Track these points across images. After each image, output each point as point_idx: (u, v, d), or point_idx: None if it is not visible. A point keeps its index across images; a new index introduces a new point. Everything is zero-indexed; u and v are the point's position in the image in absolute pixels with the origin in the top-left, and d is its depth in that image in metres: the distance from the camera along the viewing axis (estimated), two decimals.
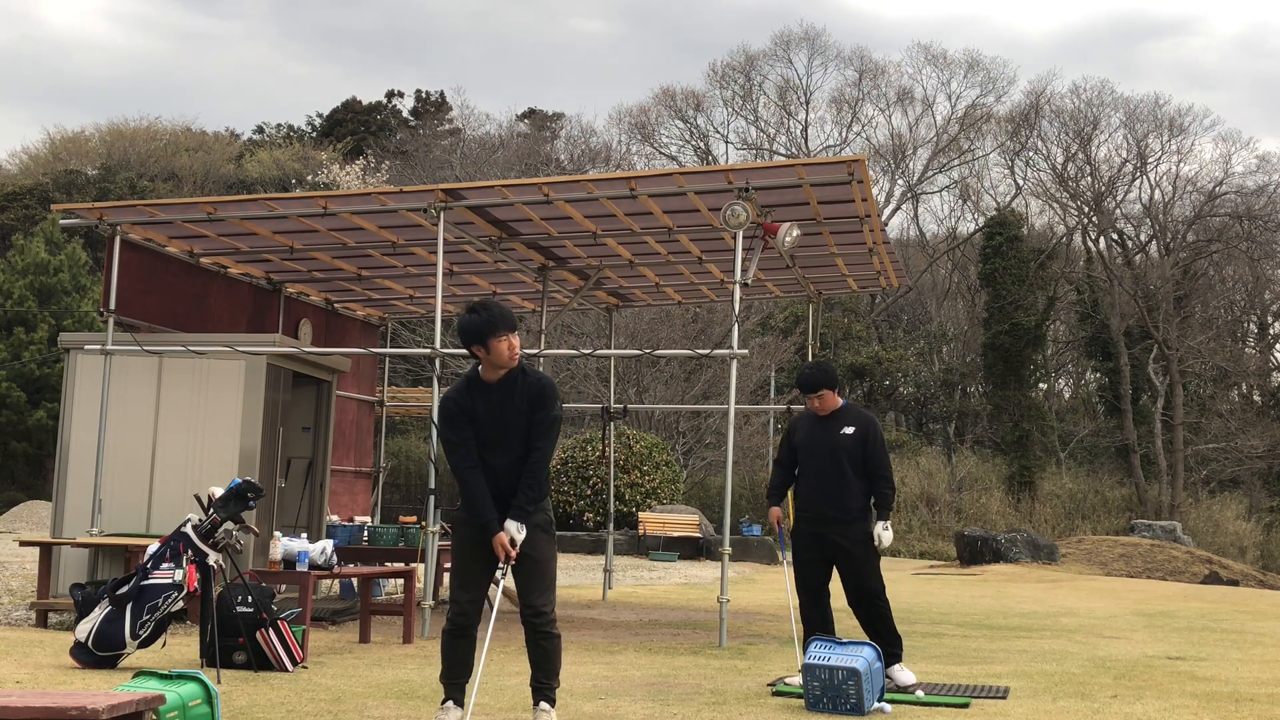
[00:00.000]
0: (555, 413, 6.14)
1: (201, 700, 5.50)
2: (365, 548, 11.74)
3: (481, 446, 6.09)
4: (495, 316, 6.00)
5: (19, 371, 32.96)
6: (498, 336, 5.99)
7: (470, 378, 6.17)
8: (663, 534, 25.89)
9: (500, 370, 6.10)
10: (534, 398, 6.13)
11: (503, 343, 6.00)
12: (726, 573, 10.48)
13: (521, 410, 6.10)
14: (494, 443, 6.08)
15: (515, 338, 6.06)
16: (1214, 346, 43.11)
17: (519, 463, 6.08)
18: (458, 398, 6.13)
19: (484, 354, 6.04)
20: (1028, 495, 36.74)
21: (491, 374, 6.12)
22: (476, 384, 6.14)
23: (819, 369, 8.23)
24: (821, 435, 8.13)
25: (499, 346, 5.99)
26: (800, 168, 11.05)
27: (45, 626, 10.52)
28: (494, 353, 6.00)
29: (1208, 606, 16.47)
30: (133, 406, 11.54)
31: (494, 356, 6.02)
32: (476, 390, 6.13)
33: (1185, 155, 50.24)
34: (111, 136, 53.71)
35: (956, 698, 7.52)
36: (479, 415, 6.07)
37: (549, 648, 6.18)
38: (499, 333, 5.99)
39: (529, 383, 6.16)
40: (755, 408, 31.91)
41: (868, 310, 44.83)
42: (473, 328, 6.00)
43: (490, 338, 5.98)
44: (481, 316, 6.01)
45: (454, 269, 14.22)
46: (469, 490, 6.04)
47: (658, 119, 50.82)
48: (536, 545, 6.10)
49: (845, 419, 8.14)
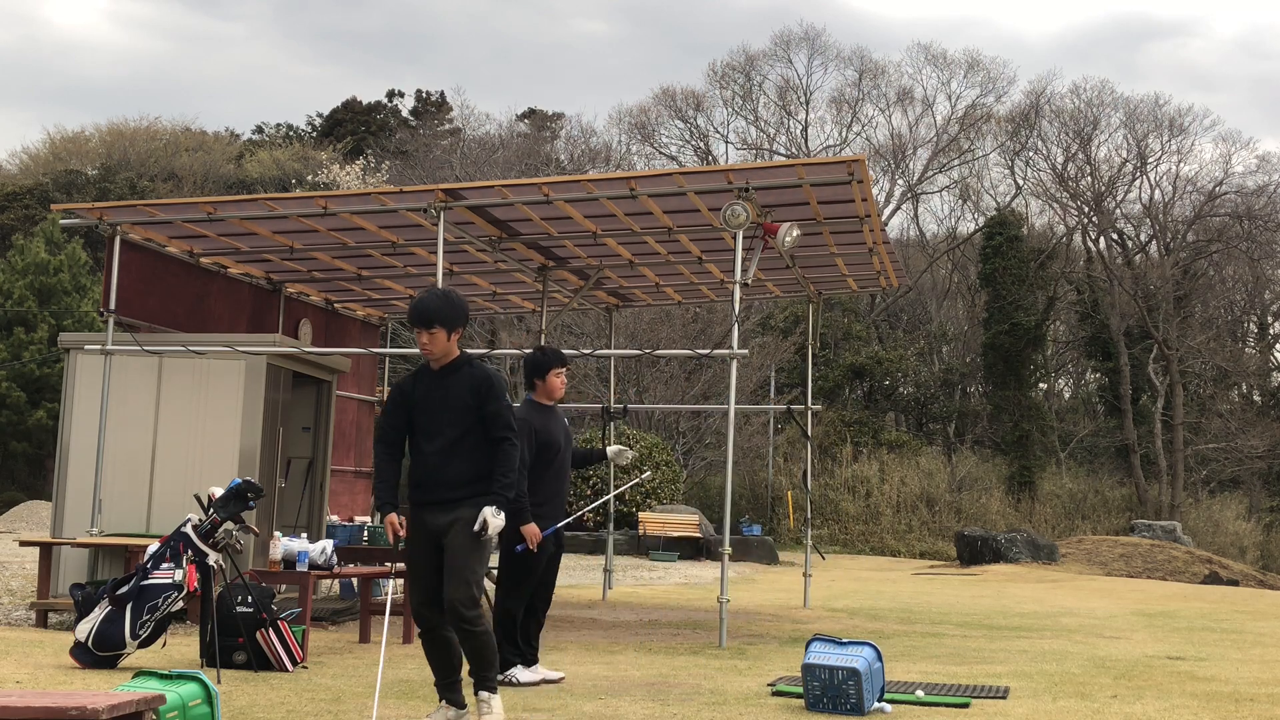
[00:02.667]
0: (506, 401, 6.30)
1: (201, 700, 5.50)
2: (365, 548, 11.74)
3: (417, 432, 6.27)
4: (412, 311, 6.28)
5: (19, 371, 32.96)
6: (415, 330, 6.25)
7: (422, 365, 6.39)
8: (663, 534, 25.89)
9: (430, 359, 6.30)
10: (482, 391, 6.25)
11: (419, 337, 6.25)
12: (726, 573, 10.48)
13: (464, 402, 6.22)
14: (428, 427, 6.23)
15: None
16: (1214, 346, 43.09)
17: (448, 452, 6.17)
18: (404, 385, 6.35)
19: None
20: (1028, 495, 36.73)
21: (431, 362, 6.33)
22: (424, 371, 6.35)
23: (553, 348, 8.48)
24: (560, 426, 8.30)
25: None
26: (800, 168, 11.05)
27: (45, 626, 10.52)
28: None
29: (1208, 606, 16.47)
30: (133, 406, 11.54)
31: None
32: (423, 377, 6.33)
33: (1185, 155, 50.26)
34: (111, 136, 53.70)
35: (956, 698, 7.52)
36: (417, 400, 6.25)
37: (474, 643, 6.14)
38: (415, 327, 6.26)
39: (475, 375, 6.30)
40: (755, 408, 31.92)
41: (868, 310, 44.82)
42: (409, 316, 6.32)
43: (415, 329, 6.25)
44: (410, 310, 6.32)
45: (454, 269, 14.22)
46: (380, 473, 6.28)
47: (658, 119, 50.84)
48: (458, 537, 6.14)
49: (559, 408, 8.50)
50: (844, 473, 35.98)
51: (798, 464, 32.85)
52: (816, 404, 16.17)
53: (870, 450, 37.30)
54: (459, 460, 6.20)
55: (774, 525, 33.40)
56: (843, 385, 41.46)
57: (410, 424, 6.30)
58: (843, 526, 34.33)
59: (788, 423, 34.89)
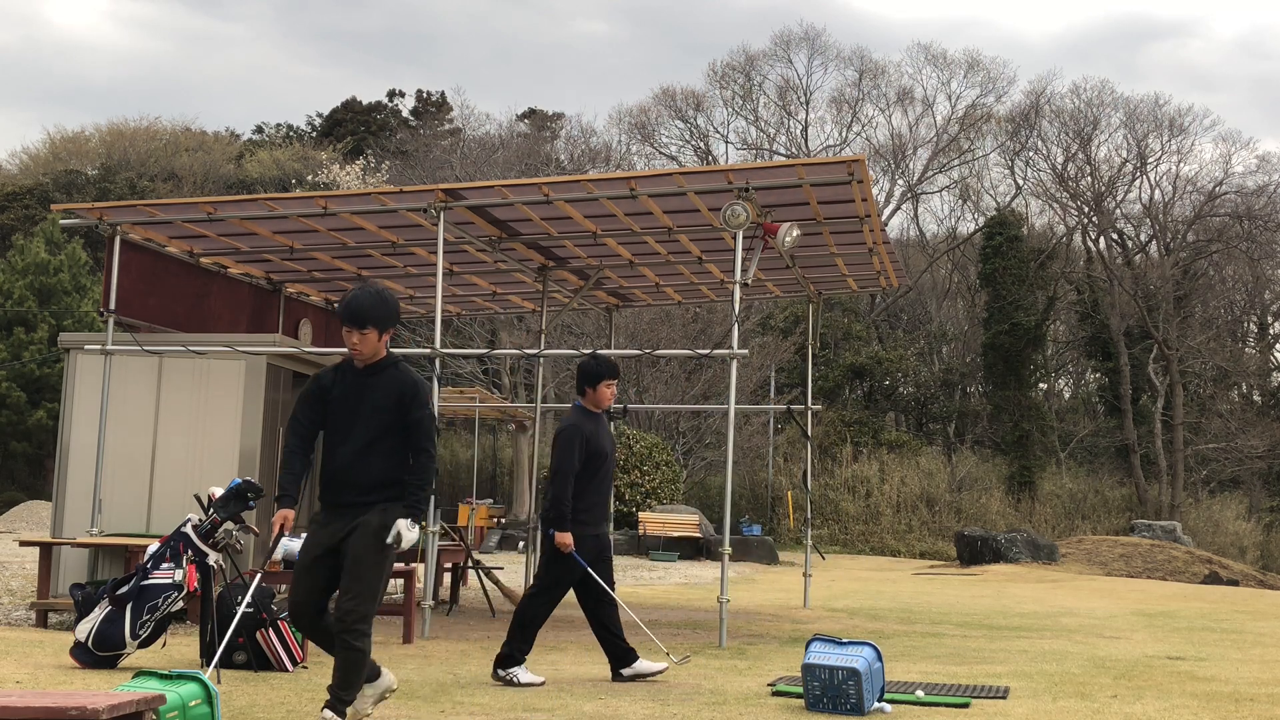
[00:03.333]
0: (430, 410, 6.13)
1: (201, 700, 5.50)
2: None
3: (330, 430, 6.06)
4: (343, 308, 6.10)
5: (19, 371, 32.95)
6: (346, 327, 6.08)
7: (344, 361, 6.20)
8: (663, 534, 25.88)
9: (357, 358, 6.10)
10: (408, 397, 6.07)
11: (349, 336, 6.07)
12: (726, 573, 10.48)
13: (388, 405, 6.04)
14: (344, 427, 6.02)
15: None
16: (1214, 346, 43.10)
17: (362, 455, 5.98)
18: (324, 379, 6.14)
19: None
20: (1028, 495, 36.74)
21: (356, 360, 6.13)
22: (347, 368, 6.15)
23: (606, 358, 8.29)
24: (608, 435, 8.20)
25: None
26: (800, 168, 11.05)
27: (45, 626, 10.52)
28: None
29: (1208, 606, 16.47)
30: (133, 406, 11.54)
31: (347, 344, 6.08)
32: (344, 374, 6.13)
33: (1185, 155, 50.24)
34: (111, 136, 53.69)
35: (956, 698, 7.52)
36: (336, 396, 6.06)
37: (348, 657, 5.90)
38: (345, 324, 6.08)
39: (403, 380, 6.11)
40: (755, 408, 31.93)
41: (868, 310, 44.82)
42: (340, 312, 6.17)
43: (343, 326, 6.10)
44: (341, 306, 6.14)
45: (454, 269, 14.22)
46: (288, 465, 6.07)
47: (658, 119, 50.85)
48: (362, 545, 5.96)
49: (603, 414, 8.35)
50: (844, 473, 35.99)
51: (798, 464, 32.85)
52: (816, 404, 16.17)
53: (870, 450, 37.31)
54: (372, 464, 6.00)
55: (774, 525, 33.40)
56: (843, 385, 41.47)
57: (324, 420, 6.08)
58: (843, 526, 34.34)
59: (788, 423, 34.89)
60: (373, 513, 5.97)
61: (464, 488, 33.36)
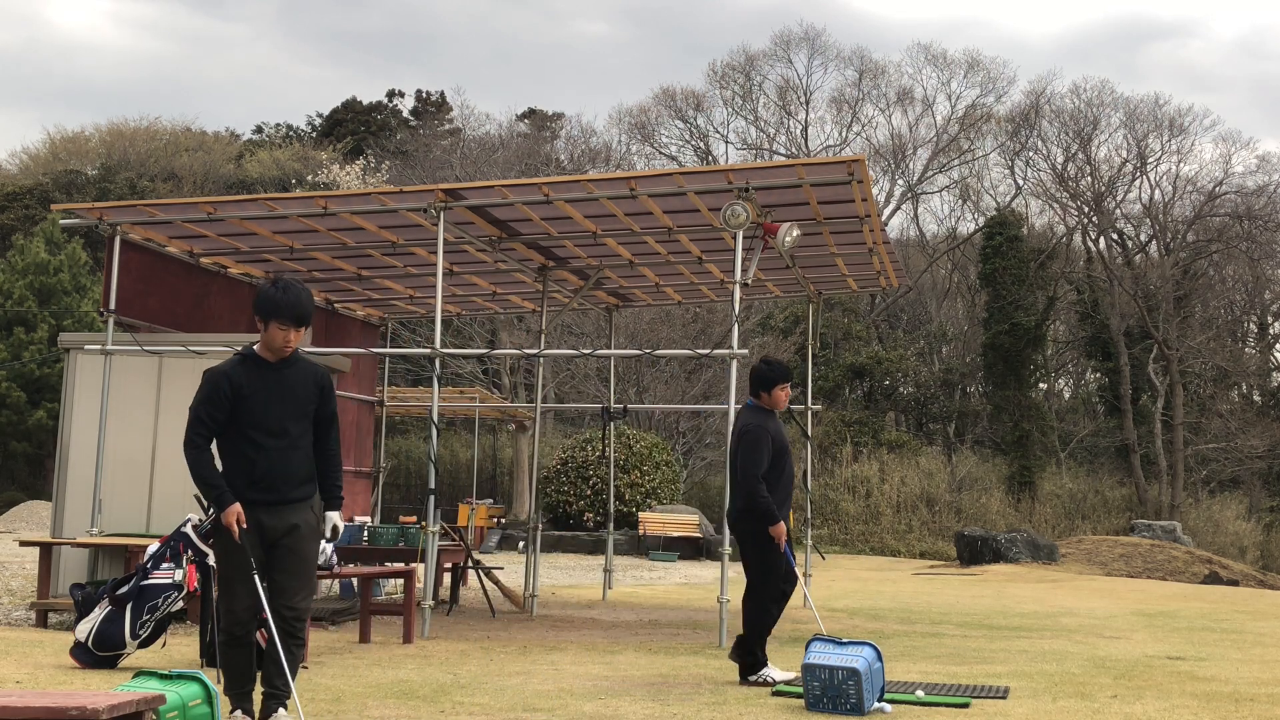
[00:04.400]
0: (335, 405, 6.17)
1: (201, 700, 5.50)
2: (365, 548, 11.74)
3: (250, 427, 5.87)
4: (282, 300, 5.92)
5: (19, 371, 32.95)
6: (278, 321, 5.90)
7: (247, 355, 6.00)
8: (663, 534, 25.88)
9: (280, 353, 5.98)
10: (325, 390, 6.10)
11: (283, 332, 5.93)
12: (726, 573, 10.48)
13: (307, 397, 6.01)
14: (265, 424, 5.89)
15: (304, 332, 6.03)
16: (1214, 346, 43.08)
17: (290, 448, 5.93)
18: (231, 373, 5.90)
19: (261, 329, 5.92)
20: (1028, 495, 36.73)
21: (271, 355, 5.99)
22: (255, 361, 5.97)
23: (781, 361, 8.23)
24: (782, 431, 8.12)
25: (277, 334, 5.92)
26: (800, 168, 11.05)
27: (45, 626, 10.52)
28: (269, 335, 5.92)
29: (1208, 606, 16.47)
30: (133, 406, 11.54)
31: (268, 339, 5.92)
32: (254, 368, 5.95)
33: (1185, 155, 50.21)
34: (111, 136, 53.67)
35: (956, 698, 7.52)
36: (250, 392, 5.89)
37: (294, 657, 5.92)
38: (283, 318, 5.91)
39: (317, 373, 6.10)
40: None
41: (868, 310, 44.82)
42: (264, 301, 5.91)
43: (271, 319, 5.91)
44: (276, 295, 5.92)
45: (454, 269, 14.22)
46: (207, 465, 5.83)
47: (658, 119, 50.84)
48: (306, 542, 5.94)
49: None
50: (844, 473, 35.98)
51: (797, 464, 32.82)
52: (816, 404, 16.17)
53: (870, 450, 37.31)
54: (299, 457, 5.97)
55: None
56: (843, 385, 41.46)
57: (232, 416, 5.89)
58: (843, 526, 34.34)
59: (788, 423, 34.85)
60: (306, 509, 5.97)
61: (464, 488, 33.36)
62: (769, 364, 8.18)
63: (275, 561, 5.89)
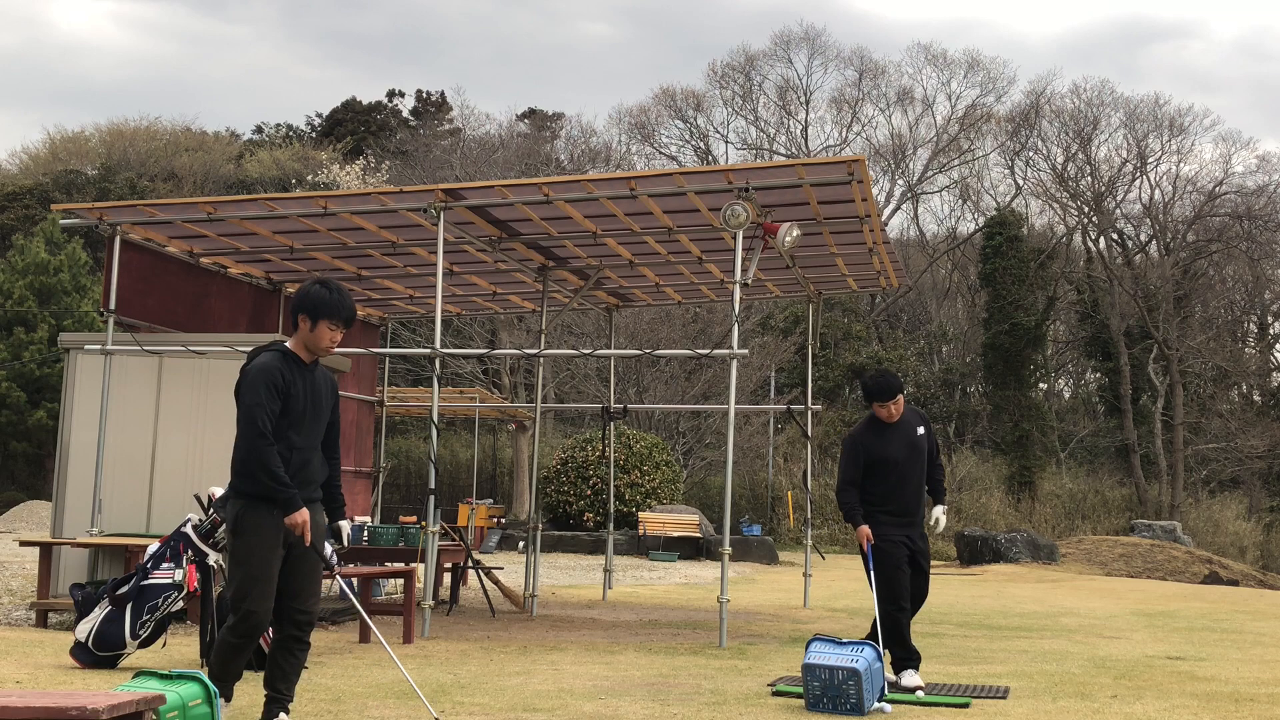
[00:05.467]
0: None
1: (201, 700, 5.50)
2: (365, 548, 11.74)
3: (290, 427, 5.83)
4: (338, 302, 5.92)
5: (19, 371, 32.95)
6: (331, 322, 5.90)
7: (285, 352, 5.94)
8: (663, 534, 25.87)
9: (312, 355, 5.98)
10: (336, 394, 6.11)
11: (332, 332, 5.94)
12: (726, 573, 10.48)
13: (329, 402, 6.04)
14: (303, 425, 5.89)
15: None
16: (1214, 346, 43.09)
17: (314, 449, 5.96)
18: (281, 369, 5.85)
19: (306, 328, 5.91)
20: (1028, 495, 36.74)
21: (306, 355, 5.98)
22: (294, 360, 5.95)
23: (893, 375, 8.23)
24: (901, 442, 8.09)
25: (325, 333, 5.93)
26: (800, 168, 11.05)
27: (45, 626, 10.52)
28: (317, 334, 5.90)
29: (1208, 606, 16.47)
30: (133, 406, 11.54)
31: (314, 339, 5.90)
32: (295, 366, 5.93)
33: (1185, 155, 50.26)
34: (111, 136, 53.66)
35: (956, 698, 7.53)
36: (294, 394, 5.86)
37: (304, 657, 5.97)
38: (335, 319, 5.90)
39: (330, 377, 6.13)
40: (755, 408, 31.93)
41: (868, 310, 44.82)
42: (316, 300, 5.91)
43: (323, 318, 5.90)
44: (329, 295, 5.93)
45: (454, 269, 14.22)
46: (276, 467, 5.70)
47: (658, 119, 50.86)
48: (319, 546, 5.98)
49: (912, 421, 8.17)
50: None
51: (798, 464, 32.86)
52: (816, 404, 16.17)
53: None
54: (318, 459, 6.01)
55: (774, 525, 33.40)
56: (843, 385, 41.47)
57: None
58: (843, 527, 34.31)
59: (788, 423, 34.89)
60: (319, 510, 5.99)
61: (464, 488, 33.37)
62: (864, 380, 8.39)
63: (290, 564, 5.87)
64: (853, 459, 8.10)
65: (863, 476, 8.08)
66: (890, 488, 8.04)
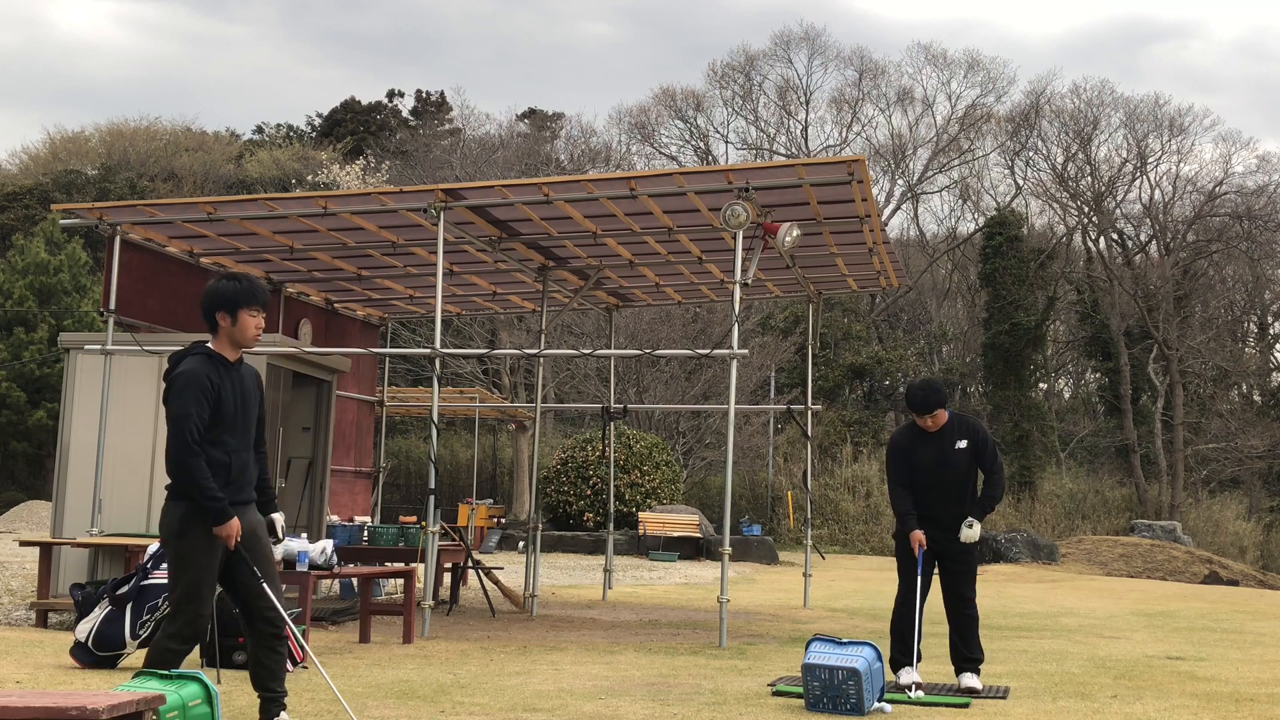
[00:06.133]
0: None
1: (201, 700, 5.50)
2: (365, 548, 11.75)
3: (224, 431, 5.77)
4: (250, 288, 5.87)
5: (19, 371, 32.95)
6: (251, 309, 5.84)
7: (209, 354, 5.83)
8: (663, 534, 25.87)
9: (237, 351, 5.89)
10: (261, 391, 6.03)
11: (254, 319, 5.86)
12: (726, 573, 10.48)
13: (256, 399, 5.96)
14: (236, 427, 5.83)
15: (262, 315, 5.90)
16: (1214, 346, 43.09)
17: (247, 449, 5.90)
18: (209, 373, 5.74)
19: (228, 324, 5.81)
20: (1028, 495, 36.74)
21: (231, 353, 5.89)
22: (219, 361, 5.85)
23: (933, 389, 8.15)
24: (933, 452, 8.09)
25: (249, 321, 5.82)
26: (800, 168, 11.05)
27: (45, 626, 10.52)
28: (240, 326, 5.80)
29: (1208, 606, 16.47)
30: (133, 406, 11.54)
31: (239, 331, 5.82)
32: (222, 368, 5.84)
33: (1185, 155, 50.23)
34: (111, 136, 53.64)
35: (956, 698, 7.53)
36: (224, 397, 5.78)
37: (285, 650, 5.94)
38: (253, 305, 5.84)
39: (255, 373, 6.04)
40: (755, 408, 31.92)
41: (868, 310, 44.81)
42: (228, 293, 5.83)
43: (242, 308, 5.82)
44: (238, 284, 5.86)
45: (454, 269, 14.22)
46: (205, 479, 5.64)
47: (658, 119, 50.85)
48: (266, 542, 5.95)
49: (955, 433, 8.15)
50: (844, 473, 35.97)
51: (798, 464, 32.84)
52: (816, 404, 16.17)
53: (870, 450, 37.29)
54: (252, 458, 5.95)
55: (774, 525, 33.39)
56: (843, 385, 41.47)
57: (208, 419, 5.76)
58: (843, 526, 34.33)
59: (788, 423, 34.88)
60: (255, 509, 5.97)
61: (464, 488, 33.37)
62: (907, 389, 8.49)
63: (242, 565, 5.84)
64: (892, 460, 8.22)
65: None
66: (919, 492, 8.11)
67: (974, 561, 8.29)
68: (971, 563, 8.23)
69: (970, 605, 8.16)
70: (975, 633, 8.13)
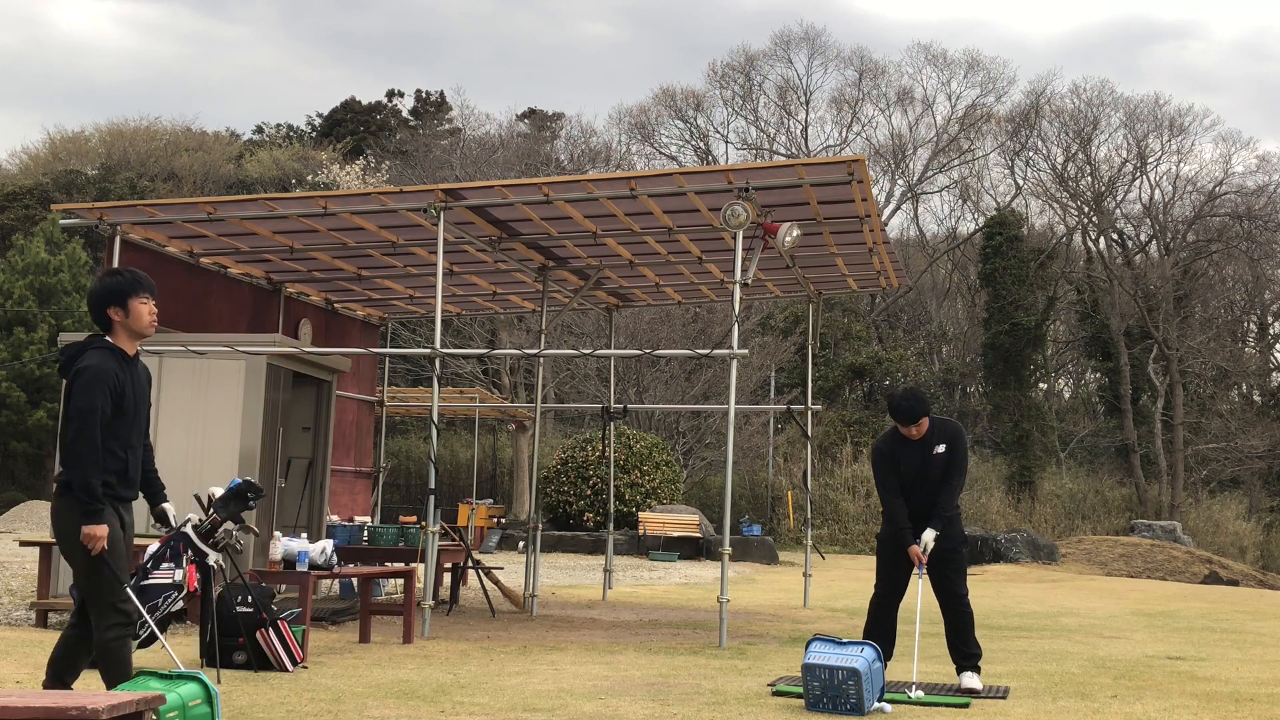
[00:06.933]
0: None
1: (201, 700, 5.50)
2: (365, 548, 11.74)
3: (126, 428, 5.78)
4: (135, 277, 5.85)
5: (19, 371, 32.94)
6: (140, 297, 5.82)
7: (111, 349, 5.81)
8: (663, 534, 25.87)
9: (135, 344, 5.87)
10: (151, 382, 6.06)
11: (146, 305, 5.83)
12: (726, 573, 10.48)
13: (148, 392, 5.96)
14: (135, 423, 5.85)
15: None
16: (1214, 346, 43.09)
17: (141, 445, 5.95)
18: (115, 369, 5.73)
19: (121, 316, 5.78)
20: (1028, 495, 36.73)
21: (130, 346, 5.86)
22: (121, 355, 5.83)
23: (917, 399, 8.13)
24: (914, 458, 8.10)
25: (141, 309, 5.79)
26: (800, 168, 11.05)
27: (45, 626, 10.52)
28: (134, 315, 5.77)
29: (1208, 606, 16.47)
30: None
31: (134, 320, 5.79)
32: (123, 363, 5.82)
33: (1185, 155, 50.24)
34: (111, 136, 53.64)
35: (956, 698, 7.53)
36: (126, 393, 5.78)
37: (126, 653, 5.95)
38: (141, 293, 5.82)
39: (146, 367, 6.04)
40: (755, 408, 31.93)
41: (868, 310, 44.82)
42: (115, 286, 5.80)
43: (131, 297, 5.80)
44: (122, 277, 5.83)
45: (454, 269, 14.22)
46: (95, 480, 5.67)
47: (658, 119, 50.85)
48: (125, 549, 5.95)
49: (935, 439, 8.15)
50: (844, 473, 35.97)
51: (798, 464, 32.85)
52: (816, 404, 16.17)
53: (870, 450, 37.29)
54: (141, 456, 5.99)
55: (774, 525, 33.39)
56: (843, 385, 41.46)
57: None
58: (843, 526, 34.33)
59: (788, 423, 34.88)
60: (130, 511, 6.02)
61: (464, 488, 33.36)
62: (889, 399, 8.49)
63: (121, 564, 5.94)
64: (880, 469, 8.24)
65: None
66: (910, 496, 8.13)
67: (962, 560, 8.29)
68: (960, 561, 8.22)
69: (963, 602, 8.17)
70: (971, 629, 8.13)
